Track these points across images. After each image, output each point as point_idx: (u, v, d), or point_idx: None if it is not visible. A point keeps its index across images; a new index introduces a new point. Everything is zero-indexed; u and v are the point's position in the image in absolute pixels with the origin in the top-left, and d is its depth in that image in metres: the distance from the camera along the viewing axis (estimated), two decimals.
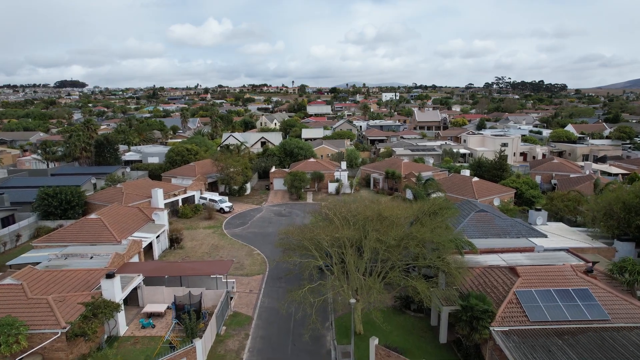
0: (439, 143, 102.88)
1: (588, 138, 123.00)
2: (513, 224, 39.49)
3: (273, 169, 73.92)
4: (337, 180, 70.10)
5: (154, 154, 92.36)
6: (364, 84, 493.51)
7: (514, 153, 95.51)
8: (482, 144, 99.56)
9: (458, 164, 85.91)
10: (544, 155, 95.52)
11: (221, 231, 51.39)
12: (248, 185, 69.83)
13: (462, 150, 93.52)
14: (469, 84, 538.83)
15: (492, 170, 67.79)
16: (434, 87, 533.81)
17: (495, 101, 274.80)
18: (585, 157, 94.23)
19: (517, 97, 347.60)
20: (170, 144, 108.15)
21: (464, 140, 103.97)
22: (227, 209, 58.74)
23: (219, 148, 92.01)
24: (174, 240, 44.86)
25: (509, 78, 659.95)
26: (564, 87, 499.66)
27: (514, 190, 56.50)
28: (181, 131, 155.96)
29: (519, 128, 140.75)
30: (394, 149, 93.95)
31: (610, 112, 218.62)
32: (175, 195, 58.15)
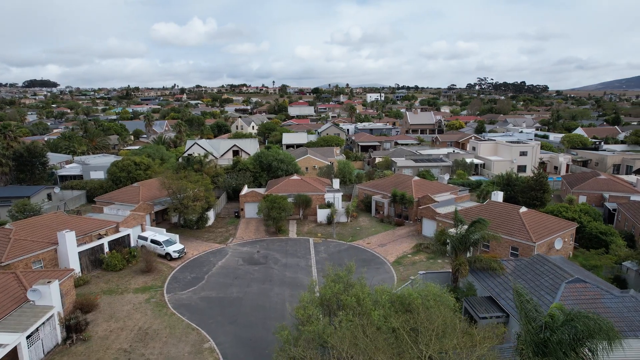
0: (445, 151, 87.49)
1: (602, 143, 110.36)
2: (635, 306, 23.72)
3: (245, 190, 56.88)
4: (329, 205, 53.56)
5: (99, 167, 73.99)
6: (347, 85, 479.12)
7: (533, 163, 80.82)
8: (495, 152, 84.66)
9: (474, 179, 70.64)
10: (567, 166, 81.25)
11: (160, 297, 34.16)
12: (211, 213, 52.66)
13: (476, 161, 78.29)
14: (451, 84, 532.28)
15: (529, 192, 52.42)
16: (416, 88, 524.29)
17: (484, 102, 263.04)
18: (617, 168, 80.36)
19: (502, 97, 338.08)
20: (122, 153, 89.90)
21: (473, 148, 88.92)
22: (175, 255, 41.49)
23: (179, 160, 74.37)
24: (74, 328, 27.47)
25: (492, 79, 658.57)
26: (545, 88, 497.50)
27: (575, 225, 41.04)
28: (145, 136, 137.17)
29: (521, 132, 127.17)
30: (393, 159, 78.06)
31: (605, 113, 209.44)
32: (100, 235, 40.60)
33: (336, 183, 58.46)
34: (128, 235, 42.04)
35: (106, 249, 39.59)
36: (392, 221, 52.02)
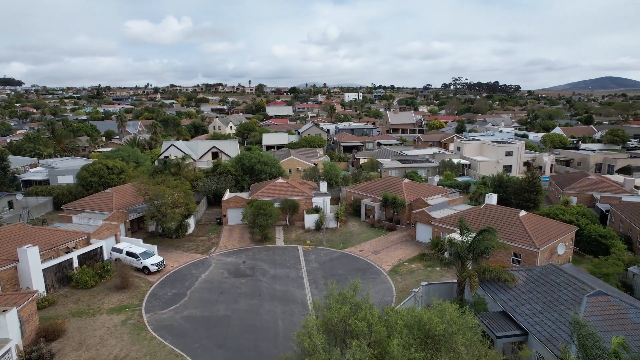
0: (429, 151, 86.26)
1: (580, 143, 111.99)
2: None
3: (227, 195, 53.60)
4: (317, 210, 50.95)
5: (67, 171, 68.98)
6: (325, 84, 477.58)
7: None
8: (480, 152, 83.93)
9: (461, 180, 69.43)
10: (551, 166, 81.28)
11: (138, 317, 30.73)
12: (191, 220, 49.18)
13: (462, 161, 77.18)
14: (427, 84, 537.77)
15: (522, 193, 51.23)
16: (392, 87, 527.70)
17: (461, 102, 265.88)
18: (598, 167, 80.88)
19: (477, 97, 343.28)
20: (94, 156, 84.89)
21: (458, 148, 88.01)
22: (153, 268, 37.99)
23: (155, 163, 70.21)
24: None
25: (466, 79, 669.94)
26: (518, 88, 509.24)
27: (575, 228, 39.77)
28: (117, 137, 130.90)
29: (500, 131, 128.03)
30: (379, 160, 76.09)
31: (578, 112, 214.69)
32: (68, 249, 36.70)
33: (323, 186, 55.94)
34: (101, 247, 38.25)
35: (76, 264, 35.74)
36: (383, 226, 49.83)
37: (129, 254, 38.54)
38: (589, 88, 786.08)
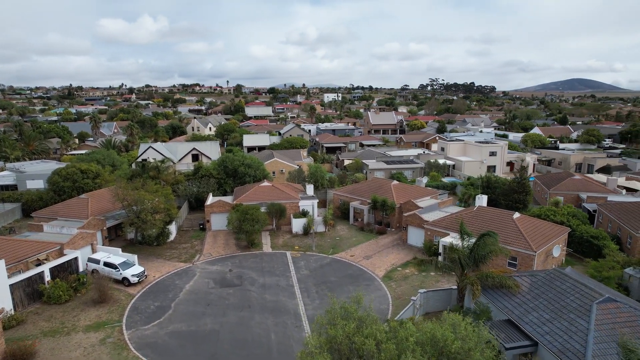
0: (414, 152, 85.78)
1: (557, 142, 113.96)
2: None
3: (210, 199, 51.37)
4: (305, 214, 49.32)
5: (37, 175, 65.18)
6: (304, 85, 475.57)
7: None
8: (464, 153, 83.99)
9: (447, 180, 69.06)
10: (533, 166, 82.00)
11: (119, 335, 28.42)
12: (172, 227, 46.76)
13: (448, 162, 76.89)
14: (404, 85, 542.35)
15: (512, 194, 50.92)
16: (371, 88, 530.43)
17: (440, 102, 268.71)
18: (578, 167, 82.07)
19: (454, 97, 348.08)
20: (66, 159, 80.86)
21: (442, 148, 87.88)
22: (134, 279, 35.58)
23: (132, 166, 67.13)
24: None
25: (443, 80, 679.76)
26: (493, 89, 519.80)
27: (568, 230, 39.41)
28: (91, 139, 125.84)
29: (481, 131, 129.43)
30: (364, 161, 75.02)
31: (552, 113, 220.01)
32: (39, 261, 33.94)
33: (310, 189, 54.33)
34: (75, 258, 35.59)
35: (47, 278, 33.03)
36: (373, 229, 48.58)
37: (107, 264, 35.98)
38: (559, 89, 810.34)
